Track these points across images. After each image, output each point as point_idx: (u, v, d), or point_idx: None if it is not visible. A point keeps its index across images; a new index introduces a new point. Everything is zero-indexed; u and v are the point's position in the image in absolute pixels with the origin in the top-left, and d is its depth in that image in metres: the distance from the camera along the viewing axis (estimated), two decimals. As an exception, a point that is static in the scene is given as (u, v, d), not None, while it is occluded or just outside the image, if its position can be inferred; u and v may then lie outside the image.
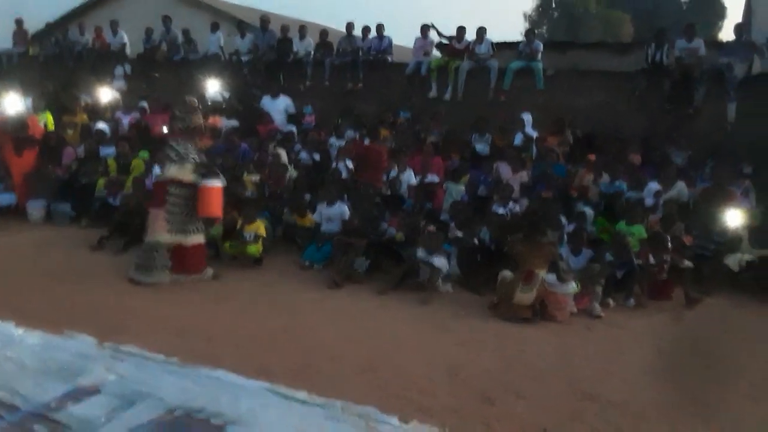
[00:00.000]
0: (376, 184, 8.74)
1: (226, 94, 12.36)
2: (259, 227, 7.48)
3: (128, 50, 14.69)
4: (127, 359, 4.65)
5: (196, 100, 7.35)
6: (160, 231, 6.63)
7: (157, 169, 8.88)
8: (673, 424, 4.05)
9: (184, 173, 6.68)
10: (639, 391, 4.50)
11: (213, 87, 12.17)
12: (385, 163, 9.06)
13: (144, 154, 9.90)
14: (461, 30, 11.91)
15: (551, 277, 6.08)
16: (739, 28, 10.73)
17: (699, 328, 5.95)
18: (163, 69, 13.96)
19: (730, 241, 7.12)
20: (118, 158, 9.92)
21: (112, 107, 12.64)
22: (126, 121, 11.82)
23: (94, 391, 4.17)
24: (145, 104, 12.18)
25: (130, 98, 13.06)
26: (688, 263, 6.63)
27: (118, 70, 14.09)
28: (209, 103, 11.79)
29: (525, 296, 5.92)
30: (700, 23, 22.68)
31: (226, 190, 7.71)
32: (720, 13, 35.08)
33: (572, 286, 6.13)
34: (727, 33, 33.90)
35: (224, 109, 11.76)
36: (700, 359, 5.16)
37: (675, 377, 4.78)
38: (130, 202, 8.40)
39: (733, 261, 6.95)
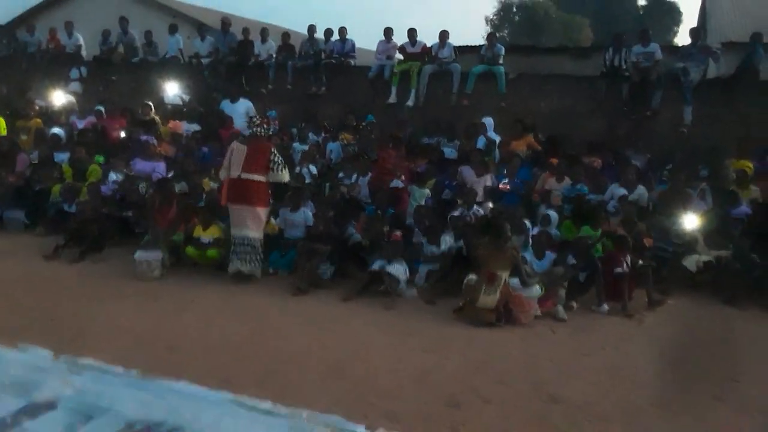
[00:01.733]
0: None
1: (186, 98, 12.17)
2: (216, 231, 7.37)
3: (84, 52, 14.35)
4: (85, 372, 4.52)
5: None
6: (259, 229, 7.04)
7: (113, 175, 8.70)
8: (636, 426, 4.10)
9: (285, 176, 7.21)
10: (602, 393, 4.54)
11: (172, 90, 11.96)
12: None
13: (100, 159, 9.66)
14: (412, 32, 11.94)
15: (515, 281, 6.12)
16: (694, 33, 11.01)
17: (661, 330, 6.03)
18: (120, 72, 13.66)
19: (688, 243, 7.27)
20: (73, 164, 9.64)
21: (67, 111, 12.33)
22: (81, 125, 11.52)
23: (50, 406, 4.05)
24: (101, 108, 11.88)
25: (86, 102, 12.74)
26: (651, 264, 6.73)
27: (74, 73, 13.76)
28: (169, 107, 11.59)
29: (489, 299, 5.94)
30: (657, 28, 23.26)
31: (188, 196, 7.61)
32: (676, 18, 36.05)
33: (536, 290, 6.18)
34: (683, 38, 34.87)
35: (185, 113, 11.56)
36: (663, 360, 5.24)
37: (638, 379, 4.83)
38: (87, 209, 8.17)
39: (691, 262, 7.09)
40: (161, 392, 4.29)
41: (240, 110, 11.49)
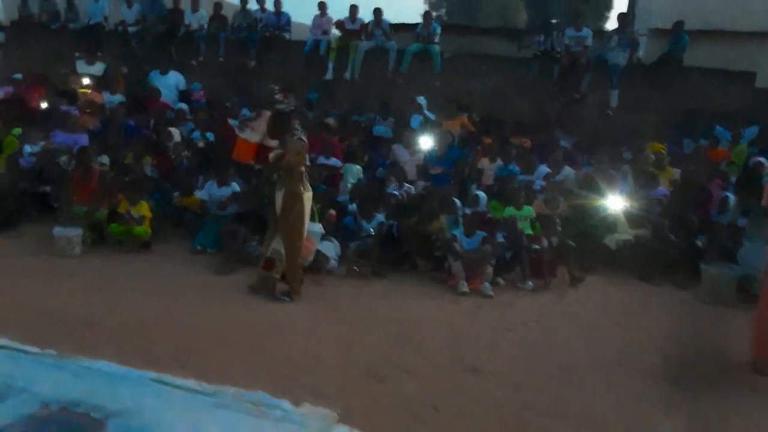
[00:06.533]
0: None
1: (111, 67, 11.66)
2: (143, 208, 7.17)
3: (2, 16, 13.53)
4: (-2, 352, 4.34)
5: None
6: None
7: (29, 148, 8.34)
8: (546, 391, 4.31)
9: None
10: (519, 365, 4.73)
11: (95, 59, 11.45)
12: None
13: (17, 131, 9.16)
14: (354, 9, 11.86)
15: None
16: (621, 18, 11.34)
17: (580, 305, 6.27)
18: (39, 38, 12.96)
19: (609, 222, 7.55)
20: (-12, 136, 9.12)
21: (-18, 80, 11.61)
22: (-1, 94, 10.91)
23: (-38, 387, 3.88)
24: (19, 76, 11.24)
25: (3, 70, 12.03)
26: (571, 243, 6.97)
27: (-11, 39, 12.97)
28: (90, 76, 11.09)
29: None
30: (592, 13, 23.77)
31: (112, 171, 7.37)
32: (608, 3, 36.91)
33: (318, 227, 6.47)
34: (613, 23, 35.73)
35: (108, 83, 11.09)
36: (578, 332, 5.49)
37: (554, 350, 5.05)
38: (3, 182, 7.78)
39: (611, 241, 7.38)
40: (79, 371, 4.17)
41: (170, 83, 11.14)
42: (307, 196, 5.88)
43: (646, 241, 7.29)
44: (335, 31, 12.12)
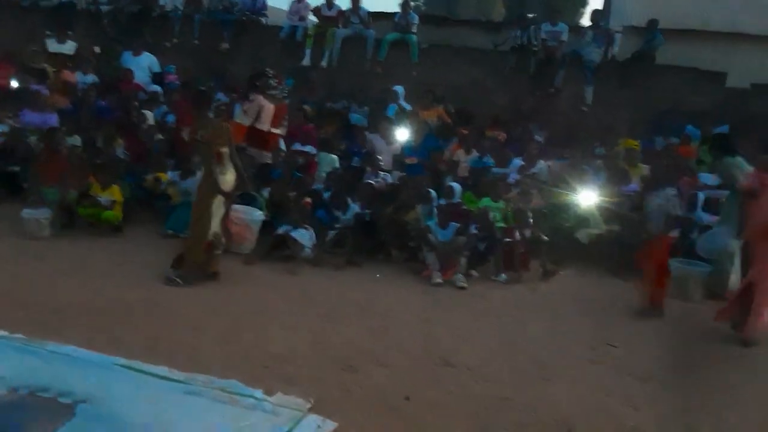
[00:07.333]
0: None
1: (82, 47, 11.38)
2: (115, 192, 7.05)
3: (-33, -8, 13.12)
4: (-37, 336, 4.26)
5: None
6: None
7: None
8: (520, 385, 4.35)
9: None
10: (491, 357, 4.78)
11: (67, 38, 11.17)
12: None
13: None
14: None
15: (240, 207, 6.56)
16: (595, 15, 11.44)
17: (551, 298, 6.35)
18: (10, 15, 12.58)
19: (581, 216, 7.64)
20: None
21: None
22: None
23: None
24: (-14, 54, 10.92)
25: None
26: (544, 237, 7.04)
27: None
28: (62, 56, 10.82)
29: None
30: (568, 8, 23.89)
31: (83, 153, 7.24)
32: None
33: (258, 214, 6.72)
34: (588, 19, 35.97)
35: (80, 63, 10.84)
36: (549, 326, 5.55)
37: (526, 344, 5.11)
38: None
39: (583, 235, 7.48)
40: (48, 356, 4.13)
41: (143, 64, 10.90)
42: (225, 178, 5.79)
43: (616, 236, 7.40)
44: (312, 18, 12.00)
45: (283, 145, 8.75)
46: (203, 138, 5.76)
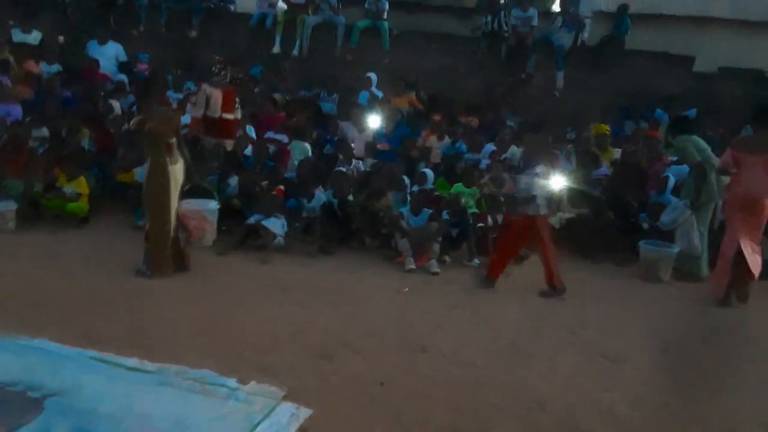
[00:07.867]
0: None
1: (46, 37, 11.10)
2: (81, 184, 6.92)
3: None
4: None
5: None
6: None
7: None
8: (497, 369, 4.39)
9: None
10: (467, 342, 4.80)
11: (31, 27, 10.88)
12: None
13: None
14: None
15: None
16: (564, 1, 11.48)
17: (524, 282, 6.37)
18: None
19: (552, 201, 7.68)
20: None
21: None
22: None
23: None
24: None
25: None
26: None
27: None
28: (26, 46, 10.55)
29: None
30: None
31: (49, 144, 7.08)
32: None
33: (214, 204, 6.70)
34: (558, 5, 36.16)
35: (43, 52, 10.56)
36: (523, 310, 5.60)
37: (500, 328, 5.15)
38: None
39: (555, 219, 7.52)
40: (16, 349, 4.08)
41: (109, 53, 10.67)
42: (175, 168, 5.64)
43: (587, 220, 7.48)
44: (282, 4, 11.86)
45: (252, 133, 8.66)
46: (150, 128, 5.58)
